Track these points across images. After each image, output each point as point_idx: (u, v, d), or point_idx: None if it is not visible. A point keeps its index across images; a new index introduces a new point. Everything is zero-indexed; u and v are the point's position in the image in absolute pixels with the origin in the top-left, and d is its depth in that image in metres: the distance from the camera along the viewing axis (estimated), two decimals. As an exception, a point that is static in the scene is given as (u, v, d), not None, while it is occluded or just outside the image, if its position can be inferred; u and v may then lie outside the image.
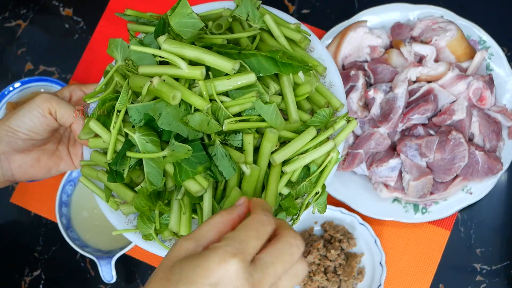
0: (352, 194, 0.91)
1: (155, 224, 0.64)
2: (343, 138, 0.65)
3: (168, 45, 0.60)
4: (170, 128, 0.59)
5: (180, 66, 0.60)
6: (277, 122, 0.61)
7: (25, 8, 1.11)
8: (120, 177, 0.62)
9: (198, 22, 0.63)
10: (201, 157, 0.59)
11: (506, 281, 0.91)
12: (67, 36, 1.09)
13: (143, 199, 0.61)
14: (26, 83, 1.00)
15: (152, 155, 0.59)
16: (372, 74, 0.90)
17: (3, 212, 1.03)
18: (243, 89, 0.61)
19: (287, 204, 0.62)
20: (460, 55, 0.91)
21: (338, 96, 0.68)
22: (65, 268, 1.00)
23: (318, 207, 0.65)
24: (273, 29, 0.68)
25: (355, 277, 0.90)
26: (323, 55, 0.70)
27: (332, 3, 1.04)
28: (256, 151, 0.62)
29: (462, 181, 0.88)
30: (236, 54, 0.62)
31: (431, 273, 0.92)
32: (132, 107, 0.60)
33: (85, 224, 0.96)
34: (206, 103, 0.59)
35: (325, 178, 0.64)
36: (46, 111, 0.68)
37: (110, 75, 0.66)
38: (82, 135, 0.66)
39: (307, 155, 0.63)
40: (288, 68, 0.62)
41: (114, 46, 0.66)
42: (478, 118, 0.87)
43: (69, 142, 0.76)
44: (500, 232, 0.92)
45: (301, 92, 0.65)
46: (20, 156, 0.71)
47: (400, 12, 0.96)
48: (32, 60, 1.08)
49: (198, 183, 0.60)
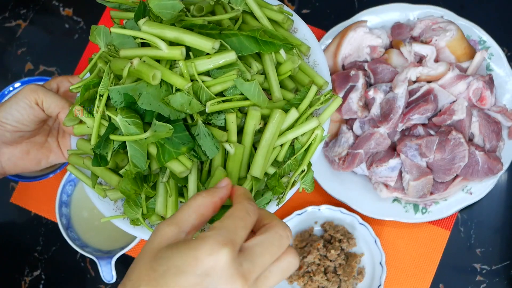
0: (352, 194, 0.91)
1: (142, 208, 0.64)
2: (327, 115, 0.65)
3: (148, 27, 0.60)
4: (151, 108, 0.59)
5: (160, 47, 0.60)
6: (259, 99, 0.61)
7: (25, 8, 1.11)
8: (104, 160, 0.62)
9: (177, 4, 0.63)
10: (184, 137, 0.59)
11: (506, 281, 0.91)
12: (67, 36, 1.09)
13: (128, 183, 0.61)
14: (26, 83, 0.99)
15: (135, 137, 0.59)
16: (372, 74, 0.90)
17: (3, 212, 1.03)
18: (225, 68, 0.61)
19: (273, 183, 0.62)
20: (460, 55, 0.91)
21: (322, 75, 0.68)
22: (65, 268, 1.00)
23: (304, 185, 0.64)
24: (255, 10, 0.67)
25: (355, 277, 0.90)
26: (307, 35, 0.70)
27: (332, 3, 1.04)
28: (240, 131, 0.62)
29: (462, 181, 0.88)
30: (217, 34, 0.62)
31: (431, 273, 0.92)
32: (113, 89, 0.60)
33: (85, 224, 0.96)
34: (186, 82, 0.59)
35: (311, 155, 0.64)
36: (32, 101, 0.68)
37: (93, 62, 0.66)
38: (66, 122, 0.66)
39: (290, 132, 0.62)
40: (269, 47, 0.62)
41: (97, 32, 0.65)
42: (478, 118, 0.87)
43: (58, 134, 0.76)
44: (500, 232, 0.92)
45: (283, 70, 0.65)
46: (8, 148, 0.71)
47: (400, 12, 0.96)
48: (32, 60, 1.08)
49: (182, 163, 0.60)
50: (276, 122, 0.61)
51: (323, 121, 0.64)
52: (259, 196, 0.63)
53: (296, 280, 0.90)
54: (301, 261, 0.90)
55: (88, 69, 0.67)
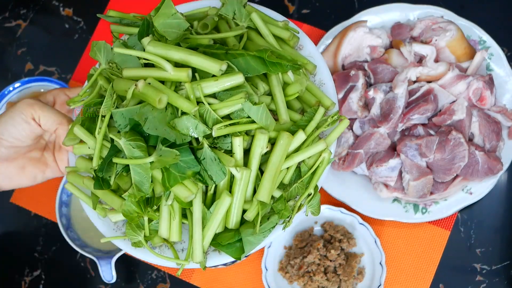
0: (352, 194, 0.91)
1: (145, 231, 0.63)
2: (334, 138, 0.63)
3: (153, 47, 0.59)
4: (157, 133, 0.57)
5: (166, 69, 0.58)
6: (267, 123, 0.59)
7: (25, 8, 1.11)
8: (107, 184, 0.60)
9: (183, 23, 0.61)
10: (190, 161, 0.57)
11: (506, 281, 0.91)
12: (67, 36, 1.09)
13: (131, 206, 0.59)
14: (26, 83, 1.00)
15: (139, 160, 0.58)
16: (372, 74, 0.90)
17: (3, 212, 1.03)
18: (231, 90, 0.59)
19: (280, 207, 0.61)
20: (460, 55, 0.91)
21: (329, 95, 0.66)
22: (65, 268, 1.00)
23: (311, 209, 0.63)
24: (260, 27, 0.66)
25: (355, 277, 0.90)
26: (313, 52, 0.69)
27: (332, 3, 1.04)
28: (246, 152, 0.61)
29: (462, 181, 0.88)
30: (223, 54, 0.61)
31: (431, 273, 0.92)
32: (117, 112, 0.59)
33: (85, 224, 0.96)
34: (193, 106, 0.57)
35: (318, 179, 0.62)
36: (29, 117, 0.66)
37: (93, 79, 0.64)
38: (66, 141, 0.64)
39: (297, 155, 0.61)
40: (277, 67, 0.60)
41: (97, 48, 0.63)
42: (478, 118, 0.87)
43: (54, 148, 0.73)
44: (500, 232, 0.92)
45: (291, 92, 0.63)
46: (4, 164, 0.68)
47: (400, 12, 0.96)
48: (32, 60, 1.08)
49: (187, 188, 0.58)
50: (283, 145, 0.59)
51: (330, 144, 0.63)
52: (265, 220, 0.61)
53: (296, 280, 0.90)
54: (301, 261, 0.90)
55: (88, 86, 0.65)
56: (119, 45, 0.63)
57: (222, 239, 0.61)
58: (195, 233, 0.61)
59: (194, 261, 0.61)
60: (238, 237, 0.61)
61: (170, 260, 0.63)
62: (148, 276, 0.98)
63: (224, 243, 0.61)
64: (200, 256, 0.61)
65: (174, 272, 0.97)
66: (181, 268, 0.62)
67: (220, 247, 0.61)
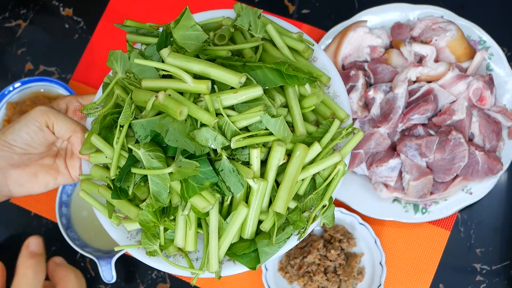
0: (352, 194, 0.91)
1: (160, 240, 0.63)
2: (349, 150, 0.64)
3: (173, 59, 0.59)
4: (177, 145, 0.57)
5: (186, 80, 0.59)
6: (284, 135, 0.60)
7: (25, 8, 1.11)
8: (125, 194, 0.61)
9: (202, 34, 0.62)
10: (208, 172, 0.58)
11: (506, 281, 0.91)
12: (67, 36, 1.09)
13: (148, 215, 0.60)
14: (26, 83, 1.00)
15: (158, 171, 0.58)
16: (372, 74, 0.90)
17: (3, 212, 1.03)
18: (249, 102, 0.60)
19: (295, 217, 0.61)
20: (460, 55, 0.91)
21: (343, 107, 0.67)
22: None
23: (325, 220, 0.64)
24: (276, 39, 0.67)
25: (355, 277, 0.90)
26: (327, 64, 0.69)
27: (332, 3, 1.04)
28: (263, 163, 0.61)
29: (462, 181, 0.88)
30: (241, 67, 0.61)
31: (431, 273, 0.92)
32: (137, 123, 0.59)
33: (85, 224, 0.96)
34: (213, 118, 0.57)
35: (332, 190, 0.63)
36: (43, 124, 0.66)
37: (110, 88, 0.64)
38: (83, 150, 0.64)
39: (313, 167, 0.62)
40: (294, 80, 0.61)
41: (114, 58, 0.64)
42: (478, 118, 0.87)
43: (66, 155, 0.73)
44: (500, 232, 0.92)
45: (307, 104, 0.64)
46: (16, 171, 0.68)
47: (400, 12, 0.96)
48: (32, 60, 1.08)
49: (205, 199, 0.59)
50: (300, 156, 0.60)
51: (345, 155, 0.63)
52: (280, 230, 0.62)
53: (296, 280, 0.90)
54: (301, 261, 0.90)
55: (105, 95, 0.65)
56: (138, 55, 0.63)
57: (238, 249, 0.62)
58: (211, 243, 0.61)
59: (209, 271, 0.62)
60: (253, 248, 0.61)
61: (185, 269, 0.63)
62: (148, 276, 0.98)
63: (239, 253, 0.61)
64: (216, 266, 0.61)
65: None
66: (195, 278, 0.63)
67: (235, 257, 0.62)
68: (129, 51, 0.65)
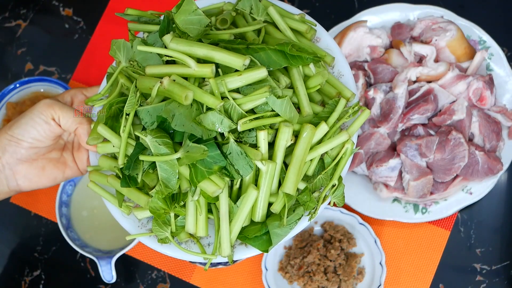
0: (352, 194, 0.91)
1: (171, 227, 0.63)
2: (356, 128, 0.64)
3: (176, 44, 0.59)
4: (184, 129, 0.57)
5: (189, 65, 0.59)
6: (291, 116, 0.60)
7: (25, 8, 1.11)
8: (134, 181, 0.61)
9: (203, 19, 0.62)
10: (216, 156, 0.58)
11: (506, 281, 0.91)
12: (67, 36, 1.09)
13: (158, 202, 0.60)
14: (26, 83, 1.00)
15: (167, 157, 0.58)
16: (372, 74, 0.90)
17: (3, 212, 1.03)
18: (254, 84, 0.60)
19: (305, 198, 0.61)
20: (460, 55, 0.91)
21: (348, 86, 0.67)
22: (65, 268, 1.00)
23: (336, 199, 0.64)
24: (278, 21, 0.66)
25: (355, 277, 0.90)
26: (330, 44, 0.69)
27: (332, 3, 1.04)
28: (270, 145, 0.61)
29: (462, 181, 0.88)
30: (245, 49, 0.61)
31: (431, 273, 0.92)
32: (142, 110, 0.59)
33: (85, 224, 0.96)
34: (218, 101, 0.57)
35: (341, 169, 0.63)
36: (49, 117, 0.66)
37: (114, 77, 0.64)
38: (90, 141, 0.64)
39: (320, 147, 0.62)
40: (298, 61, 0.61)
41: (117, 47, 0.64)
42: (478, 118, 0.87)
43: (73, 148, 0.73)
44: (500, 232, 0.92)
45: (312, 84, 0.64)
46: (24, 165, 0.68)
47: (400, 12, 0.96)
48: (32, 60, 1.08)
49: (214, 183, 0.59)
50: (307, 137, 0.60)
51: (352, 134, 0.63)
52: (291, 212, 0.62)
53: (296, 280, 0.90)
54: (301, 261, 0.90)
55: (109, 84, 0.65)
56: (140, 43, 0.63)
57: (249, 232, 0.62)
58: (222, 227, 0.61)
59: (222, 255, 0.62)
60: (265, 230, 0.61)
61: (197, 255, 0.63)
62: (148, 276, 0.98)
63: (251, 236, 0.62)
64: (228, 250, 0.61)
65: (174, 272, 0.97)
66: (208, 263, 0.63)
67: (247, 240, 0.62)
68: (132, 40, 0.65)
